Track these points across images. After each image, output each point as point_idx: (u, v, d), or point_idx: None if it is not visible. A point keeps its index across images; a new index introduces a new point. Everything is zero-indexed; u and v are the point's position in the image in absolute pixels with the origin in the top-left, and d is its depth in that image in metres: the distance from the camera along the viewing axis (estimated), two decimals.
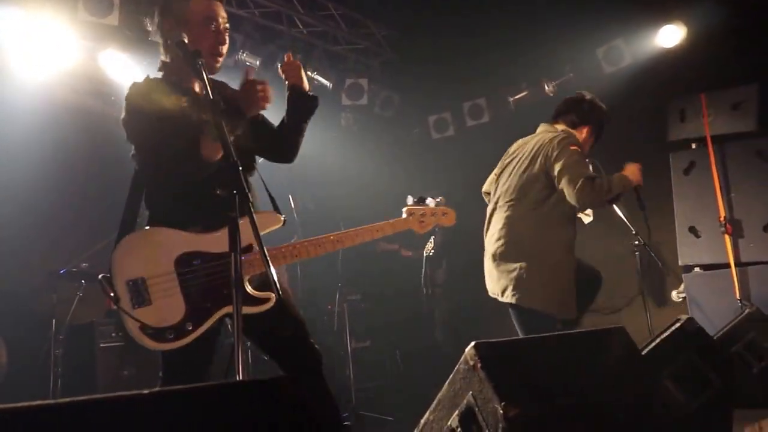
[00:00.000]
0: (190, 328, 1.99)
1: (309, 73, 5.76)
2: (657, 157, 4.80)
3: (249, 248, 2.01)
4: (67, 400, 0.95)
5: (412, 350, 5.94)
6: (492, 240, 3.31)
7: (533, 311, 3.13)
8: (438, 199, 2.59)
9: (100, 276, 2.01)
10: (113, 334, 4.23)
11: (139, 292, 1.98)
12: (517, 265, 3.16)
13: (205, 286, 2.02)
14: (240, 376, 1.62)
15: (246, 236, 1.79)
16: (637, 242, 4.23)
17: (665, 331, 2.49)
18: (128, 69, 4.88)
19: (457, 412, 1.77)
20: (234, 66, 5.09)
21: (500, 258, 3.24)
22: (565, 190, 3.08)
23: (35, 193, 4.47)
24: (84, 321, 4.31)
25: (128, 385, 4.04)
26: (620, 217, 4.07)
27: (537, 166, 3.20)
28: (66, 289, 4.23)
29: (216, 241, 2.02)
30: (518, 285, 3.15)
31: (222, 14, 2.17)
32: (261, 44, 5.42)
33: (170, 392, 1.06)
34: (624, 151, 5.33)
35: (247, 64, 5.24)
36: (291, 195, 5.09)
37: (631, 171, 3.23)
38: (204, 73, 1.86)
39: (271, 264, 1.65)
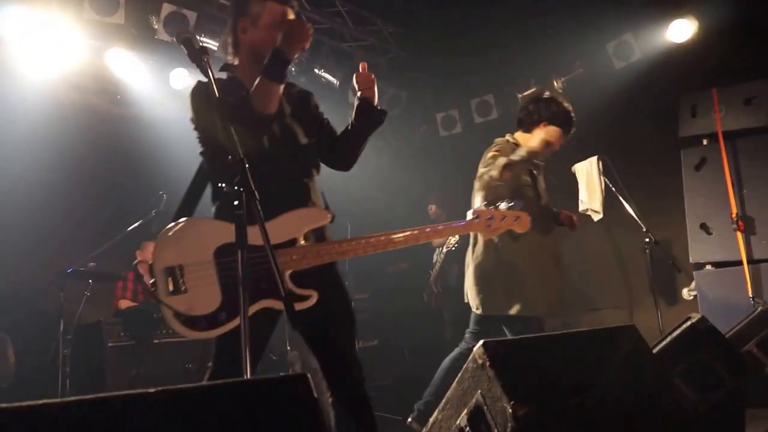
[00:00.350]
0: (224, 318, 1.97)
1: (315, 70, 5.75)
2: (668, 153, 4.76)
3: (293, 242, 2.00)
4: (75, 398, 0.95)
5: (420, 350, 5.92)
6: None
7: (511, 317, 3.15)
8: (512, 203, 2.33)
9: (135, 261, 2.02)
10: (121, 333, 4.25)
11: (175, 280, 1.99)
12: (482, 273, 3.21)
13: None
14: (247, 375, 1.61)
15: (290, 230, 1.84)
16: (647, 239, 4.20)
17: (676, 329, 2.47)
18: (134, 68, 4.89)
19: (465, 411, 1.76)
20: None
21: (472, 269, 3.29)
22: None
23: (42, 193, 4.49)
24: (92, 320, 4.33)
25: (137, 384, 4.05)
26: (631, 215, 4.04)
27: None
28: (73, 289, 4.25)
29: (259, 233, 1.97)
30: (487, 294, 3.19)
31: None
32: None
33: (177, 391, 1.05)
34: (634, 147, 5.33)
35: None
36: None
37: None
38: (210, 71, 1.85)
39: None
